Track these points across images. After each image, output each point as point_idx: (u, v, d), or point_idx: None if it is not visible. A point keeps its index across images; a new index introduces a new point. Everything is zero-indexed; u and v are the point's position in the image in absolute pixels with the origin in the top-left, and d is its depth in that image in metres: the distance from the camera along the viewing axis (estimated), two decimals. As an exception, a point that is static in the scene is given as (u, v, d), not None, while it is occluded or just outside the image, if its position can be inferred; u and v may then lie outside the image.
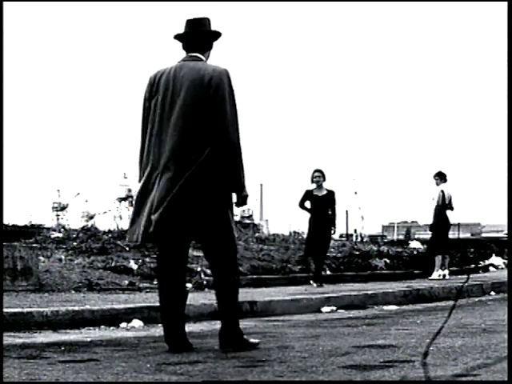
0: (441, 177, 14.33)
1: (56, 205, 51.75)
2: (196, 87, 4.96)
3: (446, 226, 14.40)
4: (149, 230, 4.94)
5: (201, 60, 5.14)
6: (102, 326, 6.74)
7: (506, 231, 35.49)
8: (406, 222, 65.37)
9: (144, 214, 4.99)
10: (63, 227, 18.27)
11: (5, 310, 6.49)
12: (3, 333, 5.81)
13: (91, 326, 6.69)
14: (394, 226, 63.81)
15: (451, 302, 9.35)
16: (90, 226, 16.57)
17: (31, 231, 15.43)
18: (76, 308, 6.95)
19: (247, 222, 44.31)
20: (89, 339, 5.82)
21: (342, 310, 8.67)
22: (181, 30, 5.23)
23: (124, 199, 54.77)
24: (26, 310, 6.65)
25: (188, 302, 7.72)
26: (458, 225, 15.67)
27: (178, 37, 5.21)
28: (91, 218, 19.28)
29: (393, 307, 9.10)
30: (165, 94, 5.05)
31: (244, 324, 6.66)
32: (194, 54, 5.16)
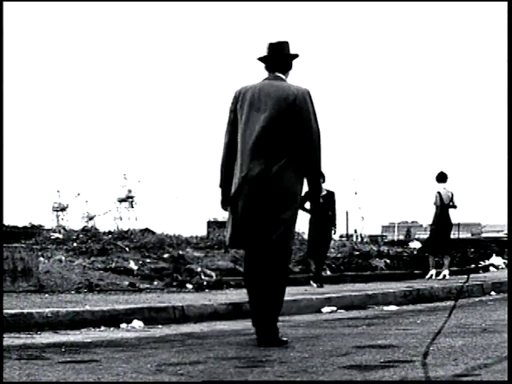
0: (438, 178, 14.30)
1: (56, 205, 51.87)
2: (281, 104, 5.37)
3: (447, 225, 14.35)
4: (236, 237, 5.42)
5: (283, 80, 5.58)
6: (102, 327, 6.74)
7: (506, 231, 35.44)
8: (406, 222, 65.31)
9: (233, 221, 5.44)
10: (63, 228, 18.26)
11: (5, 310, 6.49)
12: (3, 333, 5.81)
13: (91, 327, 6.69)
14: (394, 226, 63.79)
15: (451, 302, 9.33)
16: (90, 226, 16.58)
17: (31, 232, 15.41)
18: (76, 309, 6.96)
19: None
20: (89, 340, 5.82)
21: (343, 311, 8.66)
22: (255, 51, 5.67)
23: (124, 200, 54.84)
24: (26, 310, 6.65)
25: (188, 303, 7.80)
26: (458, 225, 15.57)
27: (261, 59, 5.63)
28: (91, 218, 19.30)
29: (393, 307, 9.09)
30: (250, 107, 5.46)
31: (244, 324, 6.67)
32: (278, 74, 5.60)
